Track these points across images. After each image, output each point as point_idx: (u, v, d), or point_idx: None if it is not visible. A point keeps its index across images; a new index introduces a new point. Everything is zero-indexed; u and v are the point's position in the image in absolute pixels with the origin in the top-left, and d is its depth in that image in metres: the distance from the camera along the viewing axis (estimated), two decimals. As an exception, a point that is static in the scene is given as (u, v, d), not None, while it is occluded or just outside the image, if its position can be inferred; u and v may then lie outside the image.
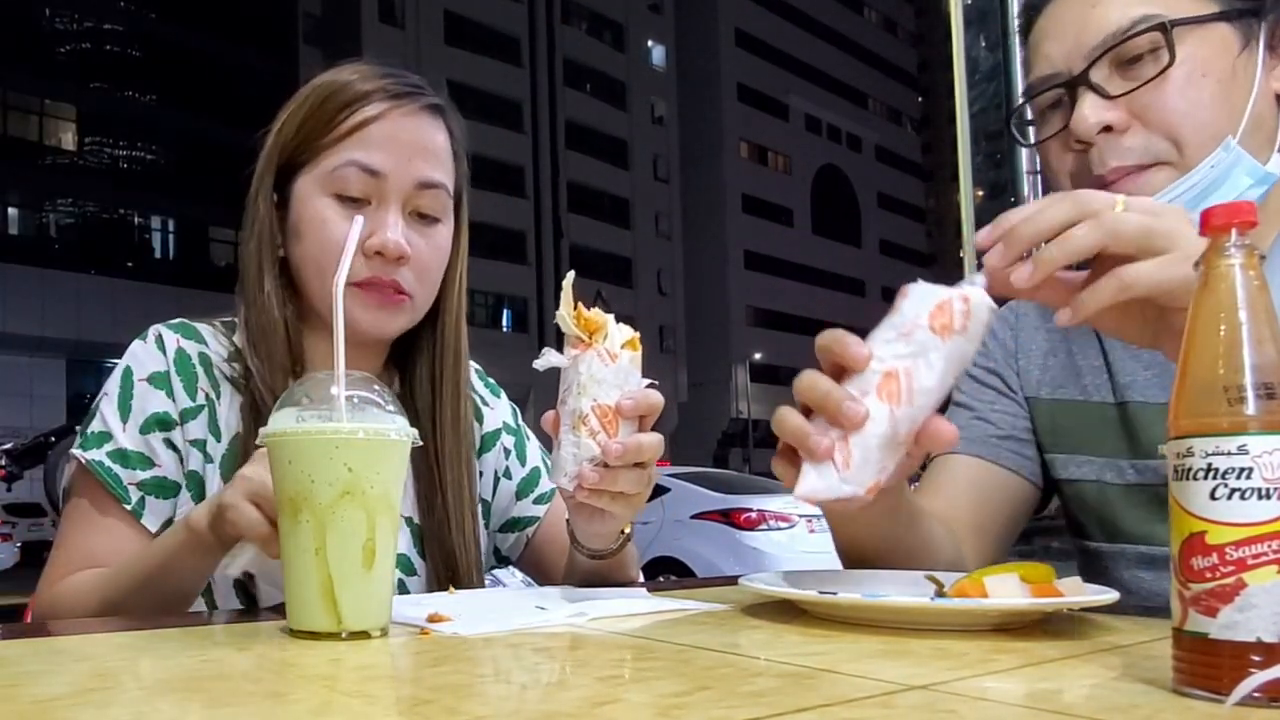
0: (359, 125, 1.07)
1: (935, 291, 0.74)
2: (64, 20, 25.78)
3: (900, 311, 0.74)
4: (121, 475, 1.03)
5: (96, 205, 26.17)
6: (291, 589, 0.73)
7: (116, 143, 26.40)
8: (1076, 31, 0.97)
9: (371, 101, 1.08)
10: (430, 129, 1.11)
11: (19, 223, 25.43)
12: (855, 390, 0.74)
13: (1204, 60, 0.93)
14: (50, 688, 0.57)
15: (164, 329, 1.11)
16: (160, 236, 27.73)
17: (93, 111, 25.83)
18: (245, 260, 1.11)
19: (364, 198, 1.07)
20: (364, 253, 1.06)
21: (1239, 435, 0.49)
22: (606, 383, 0.85)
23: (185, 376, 1.08)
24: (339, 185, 1.07)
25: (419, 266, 1.09)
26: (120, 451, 1.04)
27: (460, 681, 0.57)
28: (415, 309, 1.11)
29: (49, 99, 25.31)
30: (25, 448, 3.17)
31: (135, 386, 1.06)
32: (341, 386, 0.74)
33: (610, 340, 0.87)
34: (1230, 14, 0.94)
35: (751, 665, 0.61)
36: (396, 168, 1.07)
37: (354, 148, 1.07)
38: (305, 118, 1.10)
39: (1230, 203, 0.53)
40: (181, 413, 1.06)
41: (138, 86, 26.39)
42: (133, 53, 26.28)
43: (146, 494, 1.04)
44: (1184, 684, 0.50)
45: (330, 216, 1.06)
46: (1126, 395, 1.05)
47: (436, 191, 1.10)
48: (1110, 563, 1.07)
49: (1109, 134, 0.95)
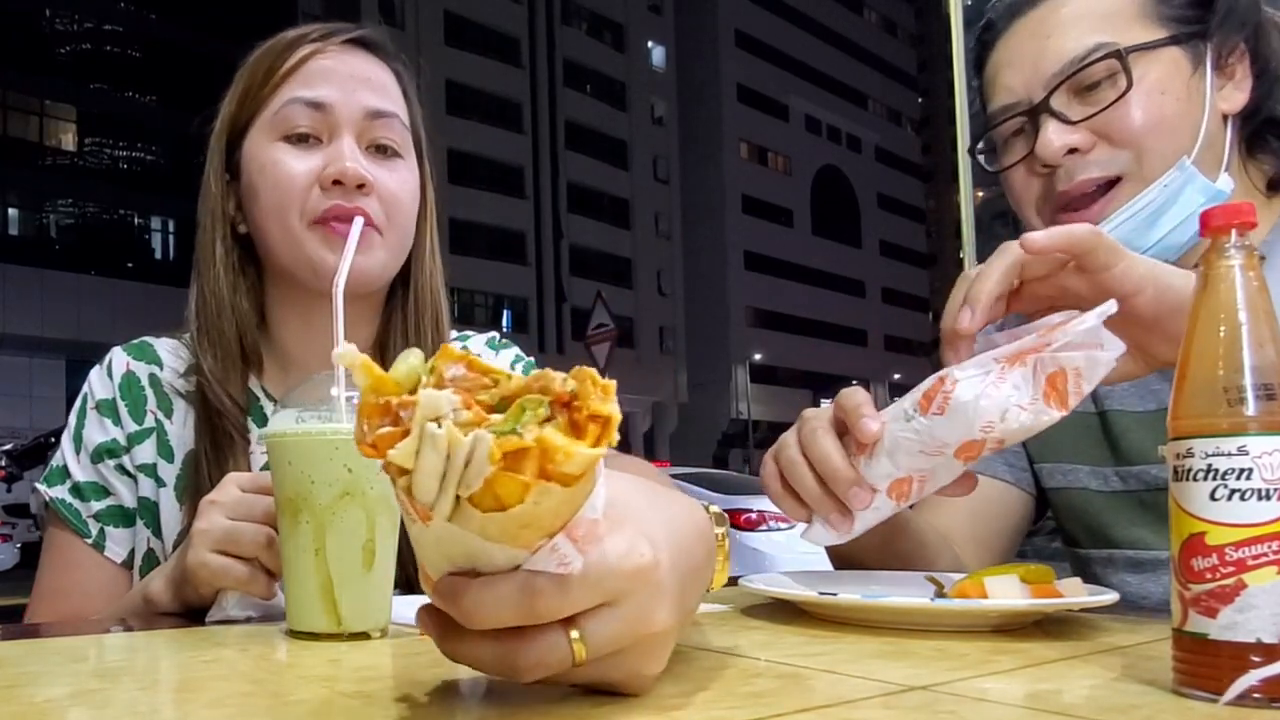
0: (295, 66, 1.04)
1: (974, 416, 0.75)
2: (64, 20, 25.77)
3: (937, 411, 0.76)
4: (80, 509, 1.03)
5: (96, 205, 26.16)
6: (291, 590, 0.73)
7: (116, 143, 26.38)
8: (1034, 61, 1.00)
9: (303, 43, 1.05)
10: (368, 62, 1.07)
11: (19, 223, 25.41)
12: (869, 474, 0.79)
13: (1159, 81, 0.96)
14: (50, 688, 0.57)
15: (119, 351, 1.10)
16: (160, 236, 27.70)
17: (93, 112, 25.81)
18: (199, 246, 1.06)
19: (313, 133, 1.02)
20: (321, 185, 1.01)
21: (1239, 436, 0.49)
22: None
23: (131, 400, 1.06)
24: (285, 125, 1.02)
25: (385, 197, 1.03)
26: (75, 486, 1.04)
27: (460, 682, 0.57)
28: (389, 248, 1.04)
29: (49, 99, 25.30)
30: (25, 448, 3.19)
31: (87, 414, 1.06)
32: (341, 387, 0.74)
33: (439, 480, 0.45)
34: (1180, 38, 0.97)
35: (751, 666, 0.61)
36: (341, 98, 1.03)
37: (295, 86, 1.03)
38: (247, 80, 1.06)
39: (1230, 204, 0.53)
40: (129, 437, 1.05)
41: (138, 86, 26.37)
42: (133, 53, 26.27)
43: (105, 525, 1.04)
44: (1184, 684, 0.50)
45: (280, 157, 1.02)
46: (1105, 404, 1.08)
47: (389, 120, 1.05)
48: (1099, 568, 1.09)
49: (1074, 154, 0.98)
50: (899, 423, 0.77)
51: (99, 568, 1.03)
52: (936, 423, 0.75)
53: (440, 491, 0.40)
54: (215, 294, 1.04)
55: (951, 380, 0.74)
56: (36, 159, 25.20)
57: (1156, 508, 1.03)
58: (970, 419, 0.73)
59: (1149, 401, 1.05)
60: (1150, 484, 1.04)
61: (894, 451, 0.78)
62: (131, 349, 1.10)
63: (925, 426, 0.76)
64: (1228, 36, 0.98)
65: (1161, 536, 1.03)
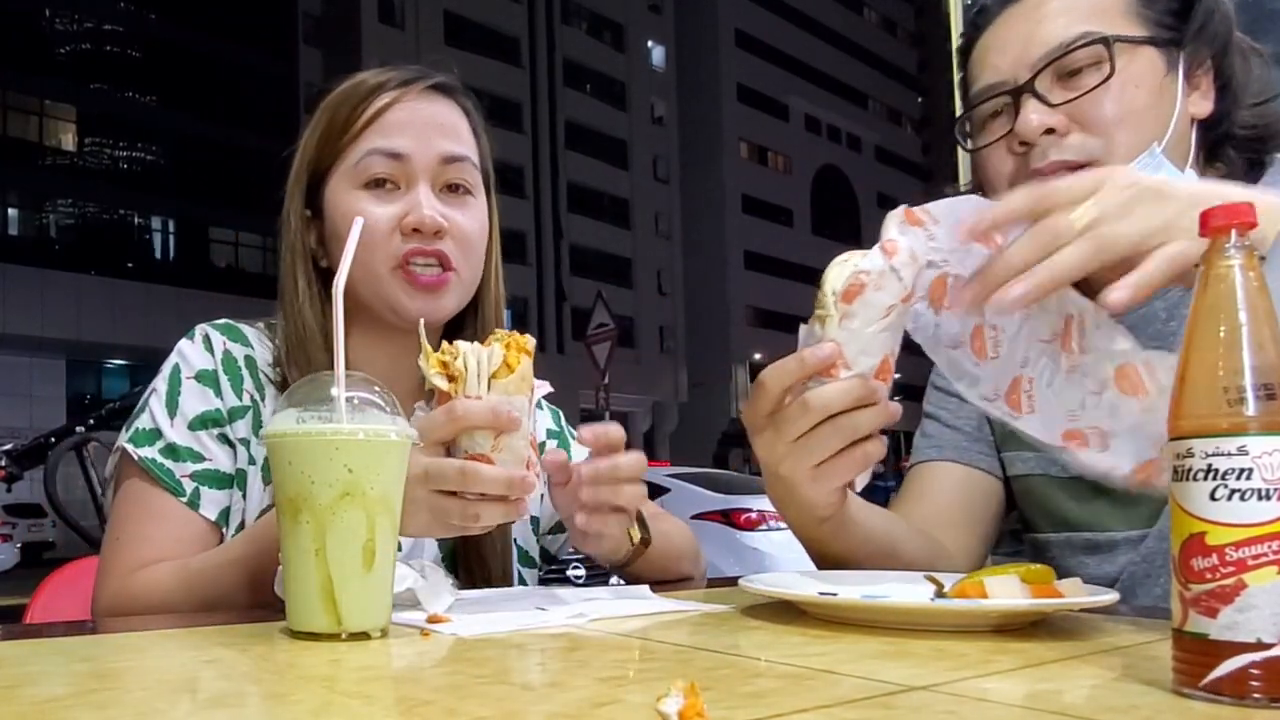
0: (374, 116, 1.09)
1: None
2: (64, 20, 25.77)
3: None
4: (174, 469, 1.04)
5: (96, 205, 26.15)
6: (291, 590, 0.73)
7: (116, 143, 26.38)
8: (1022, 43, 1.04)
9: (382, 92, 1.10)
10: (444, 107, 1.13)
11: (19, 223, 25.42)
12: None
13: (1137, 75, 1.01)
14: (50, 688, 0.57)
15: (211, 330, 1.12)
16: (160, 236, 27.71)
17: (93, 112, 25.81)
18: (282, 276, 1.13)
19: (391, 180, 1.08)
20: (401, 232, 1.07)
21: (1239, 436, 0.49)
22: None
23: (232, 377, 1.09)
24: (365, 175, 1.08)
25: (459, 237, 1.10)
26: (170, 446, 1.05)
27: (460, 682, 0.57)
28: (463, 285, 1.11)
29: (49, 99, 25.30)
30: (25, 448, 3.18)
31: (183, 384, 1.08)
32: (341, 387, 0.74)
33: (477, 377, 0.85)
34: (1158, 40, 1.02)
35: (752, 666, 0.61)
36: (418, 147, 1.09)
37: (373, 137, 1.09)
38: (323, 130, 1.12)
39: (1230, 204, 0.52)
40: (229, 411, 1.08)
41: (138, 87, 26.37)
42: (133, 53, 26.27)
43: (200, 484, 1.05)
44: (1184, 685, 0.50)
45: (363, 206, 1.07)
46: None
47: (462, 164, 1.11)
48: (1056, 551, 1.13)
49: (1050, 135, 1.02)
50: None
51: (190, 522, 1.04)
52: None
53: (479, 378, 0.85)
54: (301, 322, 1.10)
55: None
56: (36, 159, 25.20)
57: (1112, 491, 1.06)
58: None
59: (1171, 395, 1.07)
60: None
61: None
62: (222, 329, 1.13)
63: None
64: (1199, 48, 1.03)
65: (1115, 519, 1.08)
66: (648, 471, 1.03)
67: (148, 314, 24.38)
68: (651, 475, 1.08)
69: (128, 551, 1.03)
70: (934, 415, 1.22)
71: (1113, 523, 1.08)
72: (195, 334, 1.12)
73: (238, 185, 26.20)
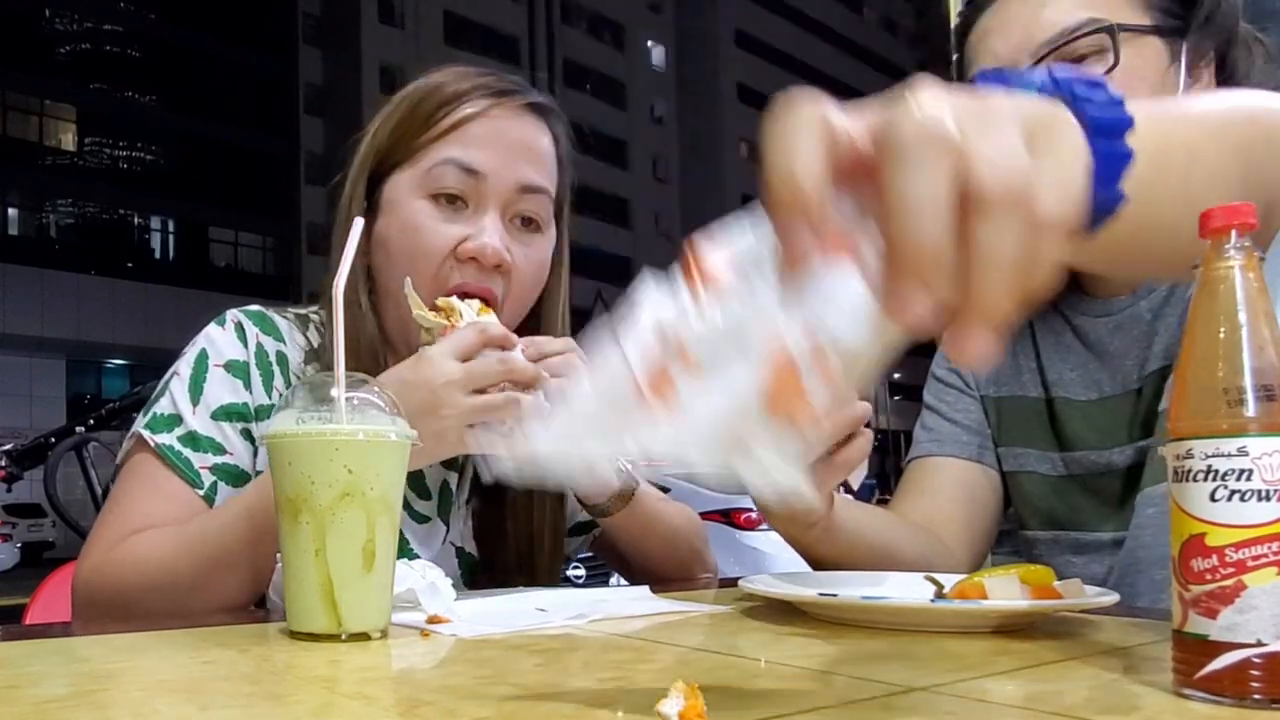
0: (458, 123, 1.02)
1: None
2: (64, 20, 25.78)
3: None
4: (193, 460, 0.98)
5: (96, 205, 26.16)
6: (291, 590, 0.73)
7: (116, 143, 26.39)
8: (1025, 28, 1.00)
9: (471, 98, 1.03)
10: (534, 130, 1.06)
11: (19, 223, 25.42)
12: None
13: (1140, 65, 0.98)
14: (50, 688, 0.57)
15: (244, 318, 1.06)
16: (160, 236, 27.71)
17: (93, 111, 25.82)
18: (331, 268, 1.06)
19: (461, 197, 1.01)
20: (456, 257, 1.00)
21: (1239, 437, 0.49)
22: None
23: (263, 372, 1.03)
24: (435, 184, 1.01)
25: (516, 278, 1.03)
26: (191, 435, 0.98)
27: (460, 683, 0.57)
28: (504, 320, 1.03)
29: (49, 99, 25.31)
30: (25, 448, 3.18)
31: (210, 371, 1.01)
32: (341, 387, 0.74)
33: (466, 315, 0.94)
34: (1163, 29, 0.99)
35: (752, 667, 0.61)
36: (498, 168, 1.01)
37: (452, 145, 1.01)
38: (400, 119, 1.04)
39: (1230, 204, 0.52)
40: (256, 409, 1.02)
41: (138, 86, 26.38)
42: (133, 53, 26.27)
43: (219, 479, 0.99)
44: (1184, 685, 0.50)
45: (425, 221, 1.00)
46: (1054, 392, 1.12)
47: (539, 197, 1.04)
48: (1045, 549, 1.13)
49: None
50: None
51: (199, 511, 0.97)
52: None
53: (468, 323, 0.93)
54: (357, 328, 1.03)
55: None
56: (36, 159, 25.21)
57: (1099, 493, 1.08)
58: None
59: (1091, 391, 1.09)
60: (1090, 469, 1.09)
61: None
62: (255, 319, 1.06)
63: None
64: (1202, 40, 1.01)
65: (1102, 519, 1.08)
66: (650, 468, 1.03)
67: (147, 314, 24.39)
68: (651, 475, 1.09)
69: (122, 522, 0.95)
70: (934, 408, 1.21)
71: (1099, 524, 1.08)
72: (226, 320, 1.05)
73: (238, 185, 26.26)
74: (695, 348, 0.44)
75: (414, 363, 0.90)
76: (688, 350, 0.44)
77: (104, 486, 2.94)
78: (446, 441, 0.89)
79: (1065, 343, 1.12)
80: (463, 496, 1.13)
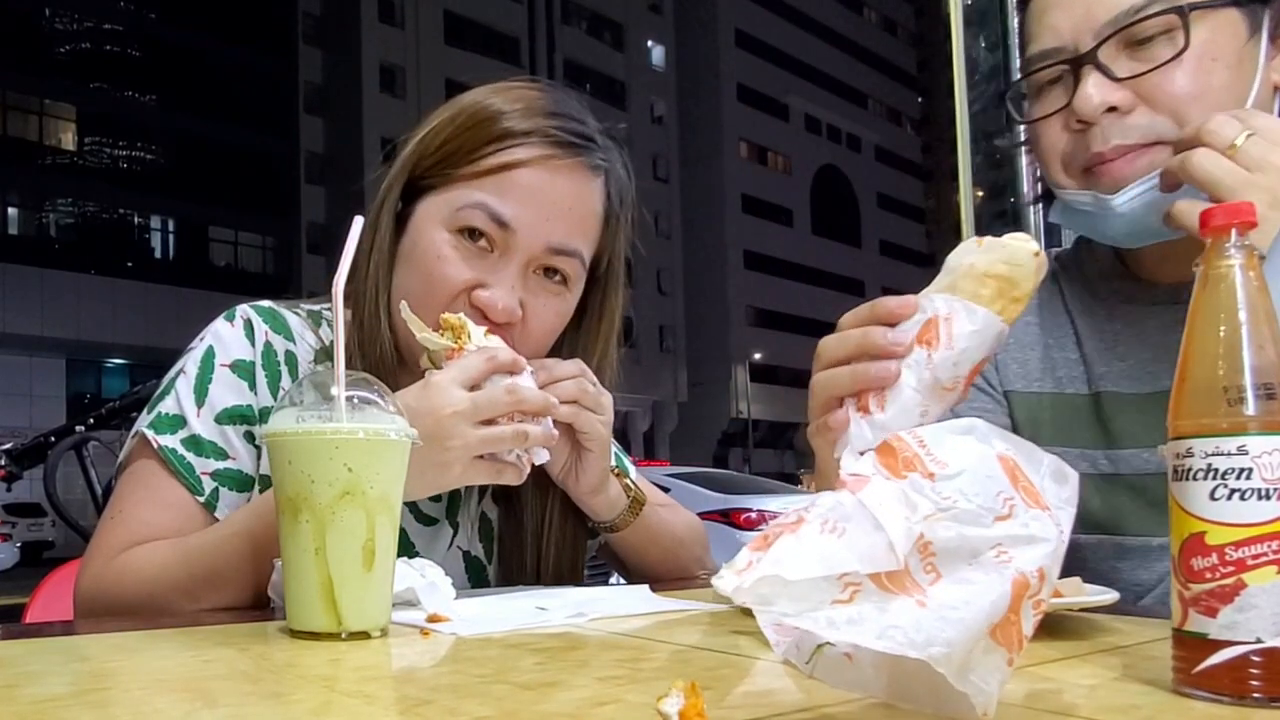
0: (503, 166, 0.97)
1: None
2: (64, 20, 25.78)
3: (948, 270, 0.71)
4: (195, 465, 0.96)
5: (96, 205, 26.17)
6: (291, 589, 0.73)
7: (116, 143, 26.39)
8: (1088, 5, 0.93)
9: (526, 143, 0.97)
10: (584, 190, 1.00)
11: (19, 223, 25.42)
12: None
13: (1215, 45, 0.91)
14: (50, 688, 0.57)
15: (253, 314, 1.03)
16: (160, 236, 27.71)
17: (93, 111, 25.82)
18: (361, 278, 1.01)
19: (488, 240, 0.97)
20: (470, 303, 0.97)
21: (1239, 436, 0.49)
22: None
23: (270, 372, 1.01)
24: (462, 222, 0.97)
25: (527, 330, 0.99)
26: (194, 438, 0.97)
27: (460, 682, 0.57)
28: None
29: (49, 99, 25.31)
30: (25, 448, 3.18)
31: (216, 370, 0.99)
32: (341, 387, 0.74)
33: (474, 335, 0.93)
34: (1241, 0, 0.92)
35: (751, 666, 0.61)
36: (531, 223, 0.97)
37: (490, 188, 0.96)
38: (450, 137, 1.00)
39: (1230, 204, 0.52)
40: (261, 411, 0.99)
41: (138, 86, 26.38)
42: (133, 53, 26.28)
43: (220, 485, 0.97)
44: (1184, 684, 0.50)
45: (446, 254, 0.97)
46: (1100, 386, 1.05)
47: (569, 259, 1.00)
48: (1088, 554, 1.06)
49: (1112, 114, 0.92)
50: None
51: (200, 521, 0.96)
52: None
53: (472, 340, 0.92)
54: (371, 320, 1.01)
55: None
56: (36, 159, 25.21)
57: (1146, 493, 1.00)
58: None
59: (1144, 384, 1.02)
60: (1140, 469, 1.01)
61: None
62: (265, 316, 1.03)
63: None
64: None
65: (1150, 523, 1.00)
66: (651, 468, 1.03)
67: (147, 313, 24.40)
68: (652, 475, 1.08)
69: (123, 530, 0.95)
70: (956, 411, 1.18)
71: (1146, 528, 1.00)
72: (235, 316, 1.02)
73: (237, 185, 26.25)
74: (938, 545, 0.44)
75: (420, 389, 0.88)
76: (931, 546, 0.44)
77: (104, 486, 2.93)
78: (451, 472, 0.88)
79: (1114, 331, 1.05)
80: (472, 500, 1.11)
